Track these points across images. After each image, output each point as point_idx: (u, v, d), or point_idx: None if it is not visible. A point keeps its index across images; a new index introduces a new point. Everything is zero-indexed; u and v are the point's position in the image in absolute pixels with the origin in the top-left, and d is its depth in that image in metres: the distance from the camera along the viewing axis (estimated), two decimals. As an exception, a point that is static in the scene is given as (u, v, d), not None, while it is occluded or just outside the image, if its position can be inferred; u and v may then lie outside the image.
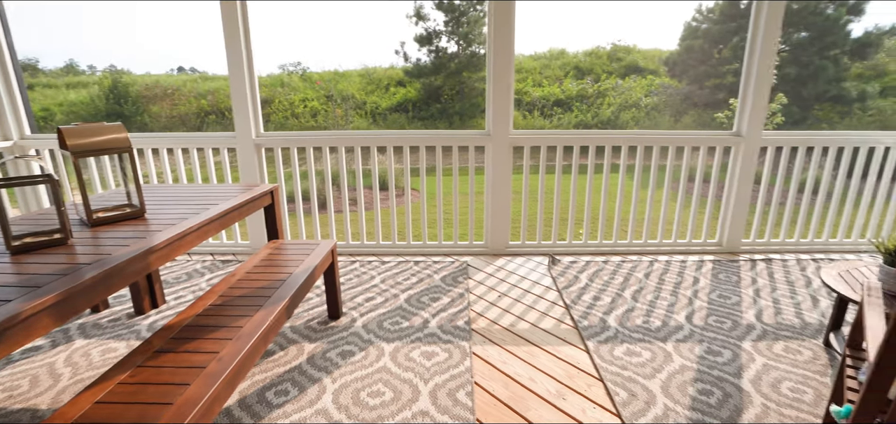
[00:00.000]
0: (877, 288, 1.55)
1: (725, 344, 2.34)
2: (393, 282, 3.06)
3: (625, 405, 1.88)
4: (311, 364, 2.16)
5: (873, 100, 16.88)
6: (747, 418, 1.82)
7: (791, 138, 3.45)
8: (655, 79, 18.72)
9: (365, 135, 3.39)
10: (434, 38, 18.78)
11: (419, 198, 3.58)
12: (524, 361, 2.19)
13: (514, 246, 3.59)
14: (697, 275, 3.18)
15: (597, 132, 3.46)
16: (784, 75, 16.86)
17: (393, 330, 2.46)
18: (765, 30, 3.15)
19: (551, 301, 2.81)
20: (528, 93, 18.18)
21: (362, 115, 17.77)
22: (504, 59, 3.16)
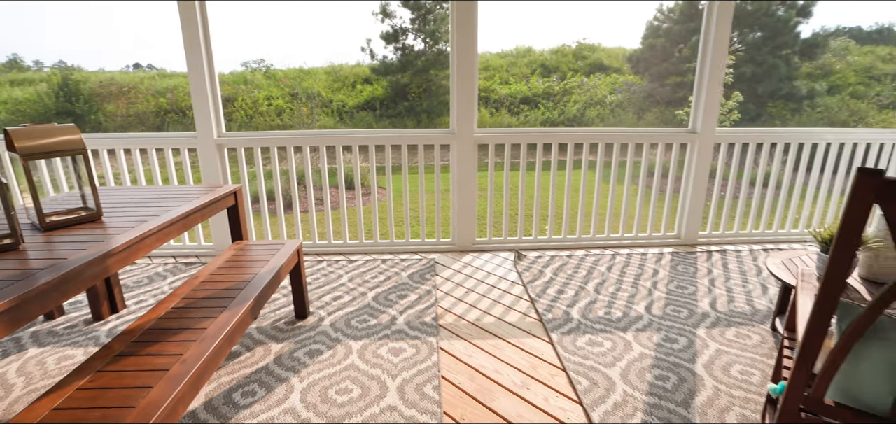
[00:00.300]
0: (810, 274, 1.67)
1: (682, 331, 2.46)
2: (361, 281, 3.07)
3: (586, 392, 1.96)
4: (278, 365, 2.15)
5: (821, 98, 17.87)
6: (700, 400, 1.93)
7: (742, 135, 3.64)
8: (619, 77, 19.22)
9: (330, 134, 3.38)
10: (401, 36, 18.73)
11: (386, 196, 3.59)
12: (490, 354, 2.24)
13: (481, 243, 3.65)
14: (657, 267, 3.32)
15: (560, 130, 3.56)
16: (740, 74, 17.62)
17: (361, 327, 2.47)
18: (716, 30, 3.31)
19: (517, 295, 2.88)
20: (495, 91, 18.36)
21: (329, 113, 17.55)
22: (467, 58, 3.21)
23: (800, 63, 18.98)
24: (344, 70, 19.61)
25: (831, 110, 17.54)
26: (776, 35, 18.69)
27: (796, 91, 18.25)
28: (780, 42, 18.64)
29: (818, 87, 18.27)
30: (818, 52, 19.41)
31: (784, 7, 18.85)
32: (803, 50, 19.09)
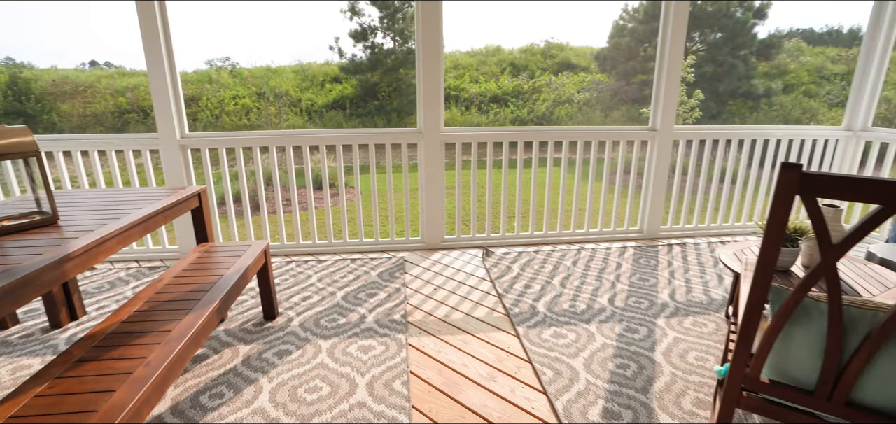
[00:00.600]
0: (754, 263, 1.78)
1: (642, 321, 2.56)
2: (330, 281, 3.07)
3: (551, 382, 2.03)
4: (246, 366, 2.14)
5: (777, 96, 18.72)
6: (658, 386, 2.02)
7: (697, 132, 3.81)
8: (587, 76, 19.62)
9: (297, 134, 3.36)
10: (370, 34, 18.60)
11: (355, 196, 3.59)
12: (458, 349, 2.29)
13: (450, 240, 3.70)
14: (620, 261, 3.44)
15: (525, 128, 3.64)
16: (702, 73, 18.29)
17: (330, 327, 2.48)
18: (673, 29, 3.44)
19: (485, 291, 2.94)
20: (465, 90, 18.45)
21: (297, 113, 17.27)
22: (433, 58, 3.24)
23: (757, 63, 19.84)
24: (312, 69, 19.34)
25: (786, 108, 18.37)
26: (735, 36, 19.49)
27: (754, 89, 19.07)
28: (738, 43, 19.45)
29: (774, 86, 19.14)
30: (774, 53, 20.34)
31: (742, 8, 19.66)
32: (760, 50, 19.97)
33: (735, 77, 19.08)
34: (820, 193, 0.88)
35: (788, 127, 3.92)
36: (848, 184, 0.85)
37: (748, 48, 19.61)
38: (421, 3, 3.13)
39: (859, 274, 2.14)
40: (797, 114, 18.02)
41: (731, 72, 19.08)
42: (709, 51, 19.40)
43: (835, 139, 4.01)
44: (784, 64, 20.27)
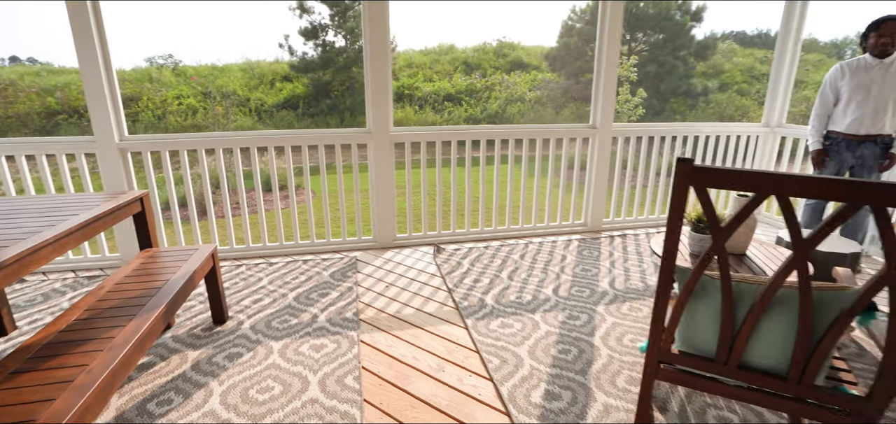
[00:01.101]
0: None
1: (584, 309, 2.73)
2: (281, 283, 3.06)
3: (497, 370, 2.14)
4: (196, 371, 2.12)
5: (713, 95, 19.92)
6: (595, 368, 2.17)
7: (634, 129, 4.05)
8: (538, 75, 20.13)
9: (244, 136, 3.32)
10: (320, 32, 18.29)
11: (305, 197, 3.59)
12: (408, 343, 2.36)
13: (402, 239, 3.76)
14: (565, 253, 3.61)
15: (472, 127, 3.75)
16: (646, 73, 19.20)
17: (281, 328, 2.49)
18: (609, 30, 3.63)
19: (436, 286, 3.02)
20: (419, 89, 18.50)
21: (246, 113, 16.74)
22: (380, 58, 3.28)
23: (695, 63, 21.05)
24: (261, 67, 18.79)
25: (722, 105, 19.57)
26: (675, 37, 20.58)
27: (693, 88, 20.23)
28: (678, 44, 20.55)
29: (711, 85, 20.37)
30: (709, 53, 21.65)
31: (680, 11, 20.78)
32: (697, 51, 21.20)
33: (676, 76, 20.15)
34: (707, 183, 1.02)
35: (715, 124, 4.24)
36: (727, 175, 0.99)
37: (687, 49, 20.77)
38: (367, 2, 3.17)
39: (768, 256, 2.38)
40: (730, 112, 19.23)
41: (672, 72, 20.14)
42: (651, 51, 20.39)
43: (755, 135, 4.37)
44: (719, 64, 21.60)
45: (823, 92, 3.24)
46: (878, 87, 2.96)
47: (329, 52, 18.44)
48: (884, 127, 3.00)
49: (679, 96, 20.12)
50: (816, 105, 3.28)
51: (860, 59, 3.08)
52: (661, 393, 1.98)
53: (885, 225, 0.90)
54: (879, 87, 2.96)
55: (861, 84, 3.02)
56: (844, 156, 3.17)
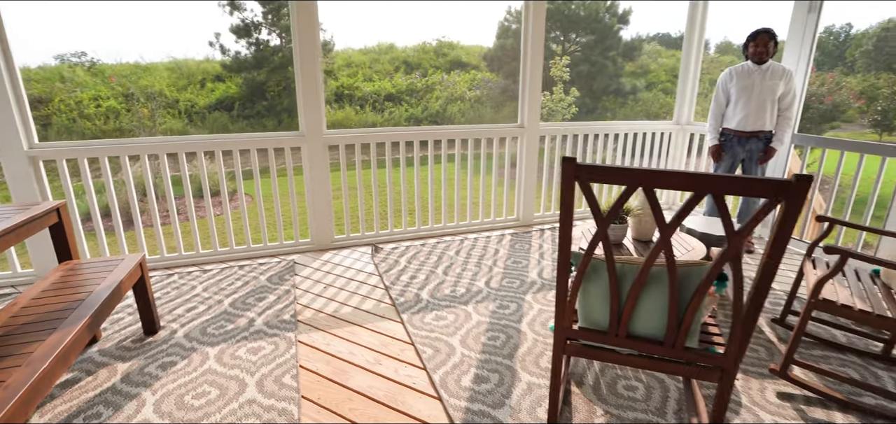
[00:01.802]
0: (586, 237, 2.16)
1: (513, 298, 2.92)
2: (216, 289, 3.03)
3: (430, 359, 2.27)
4: (126, 382, 2.09)
5: (641, 93, 21.17)
6: (521, 351, 2.35)
7: (559, 128, 4.33)
8: (477, 74, 20.52)
9: (170, 141, 3.23)
10: (254, 30, 17.66)
11: (240, 202, 3.55)
12: (346, 340, 2.44)
13: (340, 240, 3.81)
14: (498, 247, 3.81)
15: (406, 129, 3.84)
16: (579, 72, 20.12)
17: (217, 334, 2.49)
18: (533, 33, 3.85)
19: (373, 285, 3.11)
20: (359, 89, 18.34)
21: (175, 115, 15.89)
22: (310, 60, 3.29)
23: (623, 63, 22.29)
24: (190, 66, 17.86)
25: (648, 103, 20.86)
26: (604, 38, 21.71)
27: (622, 87, 21.44)
28: (607, 44, 21.70)
29: (638, 84, 21.66)
30: (636, 54, 23.01)
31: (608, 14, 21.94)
32: (625, 52, 22.47)
33: (606, 76, 21.28)
34: (589, 179, 1.19)
35: (633, 122, 4.61)
36: (604, 171, 1.18)
37: (615, 50, 21.96)
38: (295, 2, 3.17)
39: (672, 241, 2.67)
40: (656, 109, 20.55)
41: (602, 72, 21.25)
42: (583, 51, 21.39)
43: (668, 132, 4.79)
44: (646, 64, 23.01)
45: (717, 94, 3.63)
46: (758, 90, 3.38)
47: (263, 51, 17.86)
48: (765, 124, 3.43)
49: (610, 94, 21.25)
50: (712, 105, 3.68)
51: (744, 64, 3.49)
52: (579, 369, 2.19)
53: (723, 209, 1.11)
54: (759, 90, 3.38)
55: (745, 86, 3.43)
56: (736, 150, 3.58)
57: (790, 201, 1.09)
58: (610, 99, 21.18)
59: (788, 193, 1.08)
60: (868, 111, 17.16)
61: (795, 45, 3.66)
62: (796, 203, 1.08)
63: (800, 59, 3.64)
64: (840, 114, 17.35)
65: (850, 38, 20.65)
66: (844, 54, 20.53)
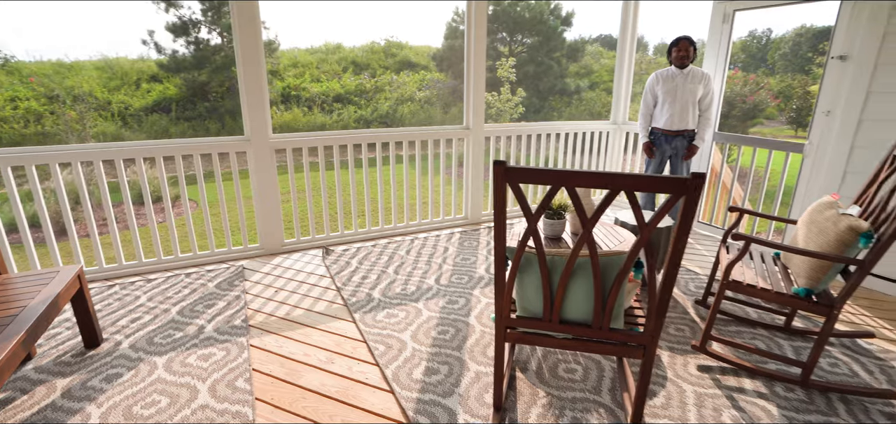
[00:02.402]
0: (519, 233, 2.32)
1: (462, 294, 3.05)
2: (162, 298, 2.97)
3: (382, 355, 2.36)
4: (68, 398, 2.04)
5: (585, 93, 21.99)
6: (469, 343, 2.48)
7: (503, 129, 4.51)
8: (427, 74, 20.62)
9: (107, 147, 3.12)
10: (192, 29, 16.91)
11: (183, 208, 3.48)
12: (299, 341, 2.49)
13: (290, 244, 3.80)
14: (448, 245, 3.93)
15: (354, 132, 3.87)
16: (525, 73, 20.67)
17: (165, 343, 2.46)
18: (476, 35, 3.97)
19: (325, 286, 3.15)
20: (307, 89, 17.99)
21: (108, 118, 14.96)
22: (253, 62, 3.26)
23: (568, 64, 23.09)
24: (122, 65, 16.85)
25: (592, 102, 21.72)
26: (549, 39, 22.41)
27: (567, 87, 22.22)
28: (552, 45, 22.41)
29: (582, 84, 22.50)
30: (580, 55, 23.88)
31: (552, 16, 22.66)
32: (569, 53, 23.28)
33: (552, 76, 21.98)
34: (518, 180, 1.33)
35: (574, 122, 4.87)
36: (530, 173, 1.32)
37: (560, 51, 22.71)
38: (236, 2, 3.13)
39: (607, 234, 2.89)
40: (599, 108, 21.45)
41: (548, 72, 21.92)
42: (529, 52, 21.98)
43: (607, 131, 5.10)
44: (589, 65, 23.91)
45: (645, 95, 3.93)
46: (681, 92, 3.70)
47: (203, 51, 17.13)
48: (688, 123, 3.75)
49: (556, 94, 21.95)
50: (642, 106, 3.98)
51: (668, 69, 3.81)
52: (523, 357, 2.35)
53: (634, 204, 1.28)
54: (682, 92, 3.70)
55: (669, 89, 3.74)
56: (664, 147, 3.89)
57: (689, 196, 1.27)
58: (556, 98, 21.87)
59: (687, 189, 1.26)
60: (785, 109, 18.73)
61: (713, 52, 4.02)
62: (693, 197, 1.26)
63: (717, 64, 4.00)
64: (760, 112, 18.81)
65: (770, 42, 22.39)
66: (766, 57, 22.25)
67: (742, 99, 18.41)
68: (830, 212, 2.20)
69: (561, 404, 1.99)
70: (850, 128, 3.18)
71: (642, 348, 1.59)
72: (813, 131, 3.44)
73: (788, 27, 20.88)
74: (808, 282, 2.15)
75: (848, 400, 2.07)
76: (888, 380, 2.22)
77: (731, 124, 18.39)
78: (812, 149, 3.43)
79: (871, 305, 2.99)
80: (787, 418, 1.94)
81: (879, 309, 2.94)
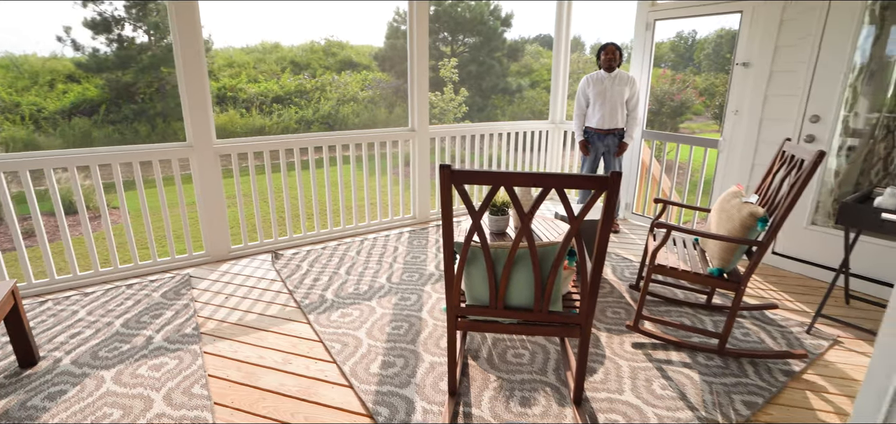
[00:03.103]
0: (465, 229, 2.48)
1: (414, 290, 3.17)
2: (103, 312, 2.87)
3: (339, 353, 2.44)
4: (5, 418, 1.97)
5: (527, 91, 22.66)
6: (423, 336, 2.61)
7: (447, 130, 4.66)
8: (369, 74, 20.47)
9: (33, 157, 2.97)
10: (115, 26, 15.85)
11: (122, 217, 3.37)
12: (254, 345, 2.51)
13: (237, 250, 3.76)
14: (397, 245, 4.03)
15: (300, 136, 3.88)
16: (468, 72, 21.02)
17: (111, 356, 2.40)
18: (418, 38, 4.08)
19: (277, 290, 3.17)
20: (244, 90, 17.37)
21: (17, 122, 13.74)
22: (194, 66, 3.21)
23: (509, 63, 23.70)
24: (32, 63, 15.47)
25: (533, 101, 22.42)
26: (490, 40, 22.91)
27: (509, 86, 22.81)
28: (493, 45, 22.93)
29: (523, 83, 23.17)
30: (520, 55, 24.59)
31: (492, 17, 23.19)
32: (510, 53, 23.90)
33: (494, 75, 22.49)
34: (463, 182, 1.48)
35: (515, 122, 5.11)
36: (473, 175, 1.47)
37: (501, 51, 23.28)
38: (173, 2, 3.05)
39: (546, 228, 3.11)
40: (540, 106, 22.20)
41: (490, 72, 22.42)
42: (471, 52, 22.37)
43: (546, 130, 5.38)
44: (529, 64, 24.65)
45: (578, 97, 4.23)
46: (610, 94, 4.03)
47: (128, 50, 16.10)
48: (617, 122, 4.09)
49: (498, 93, 22.49)
50: (575, 108, 4.27)
51: (597, 73, 4.12)
52: (474, 345, 2.51)
53: (564, 200, 1.46)
54: (610, 94, 4.03)
55: (599, 91, 4.05)
56: (597, 145, 4.21)
57: (610, 191, 1.46)
58: (498, 97, 22.39)
59: (608, 185, 1.45)
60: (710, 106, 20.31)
61: (639, 55, 4.38)
62: (613, 192, 1.46)
63: (643, 66, 4.37)
64: (687, 108, 20.28)
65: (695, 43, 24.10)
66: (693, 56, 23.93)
67: (670, 97, 19.75)
68: (735, 200, 2.53)
69: (511, 386, 2.17)
70: (754, 126, 3.60)
71: (578, 327, 1.79)
72: (725, 128, 3.85)
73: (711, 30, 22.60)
74: (721, 263, 2.46)
75: (756, 363, 2.39)
76: (787, 344, 2.57)
77: (662, 121, 19.66)
78: (725, 144, 3.84)
79: (778, 280, 3.42)
80: (707, 383, 2.23)
81: (784, 284, 3.36)
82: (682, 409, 2.05)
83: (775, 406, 2.11)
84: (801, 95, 3.32)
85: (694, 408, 2.05)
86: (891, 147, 3.17)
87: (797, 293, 3.22)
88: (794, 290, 3.27)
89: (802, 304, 3.06)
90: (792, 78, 3.35)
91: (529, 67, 24.42)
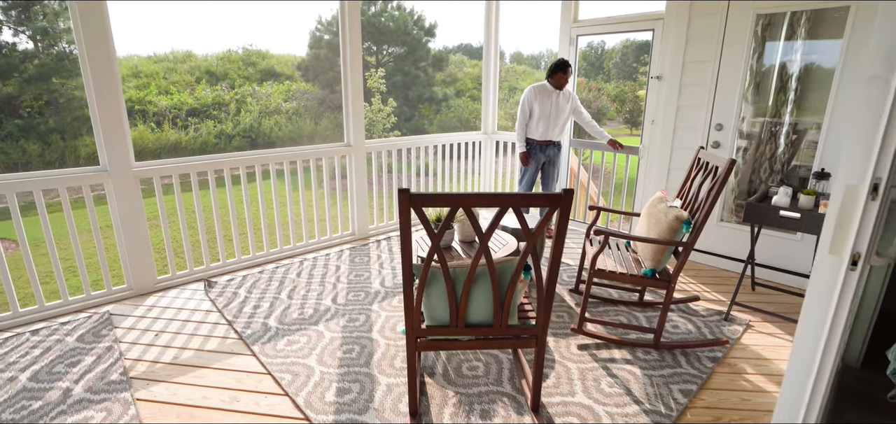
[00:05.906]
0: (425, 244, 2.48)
1: (361, 310, 3.11)
2: (3, 365, 2.52)
3: (290, 384, 2.33)
4: None
5: (453, 100, 23.02)
6: (377, 357, 2.57)
7: (383, 145, 4.64)
8: (292, 85, 19.78)
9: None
10: (-10, 30, 14.01)
11: (22, 247, 2.99)
12: (194, 385, 2.33)
13: (164, 280, 3.48)
14: (339, 263, 3.93)
15: (228, 155, 3.63)
16: (394, 83, 20.99)
17: (20, 418, 2.12)
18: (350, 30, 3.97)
19: (213, 322, 2.97)
20: (153, 103, 16.11)
21: None
22: (106, 78, 2.92)
23: (434, 73, 23.98)
24: None
25: (460, 110, 22.82)
26: (414, 50, 23.07)
27: (435, 95, 23.08)
28: (418, 56, 23.11)
29: (449, 92, 23.53)
30: (445, 65, 24.97)
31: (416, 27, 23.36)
32: (434, 63, 24.20)
33: (419, 85, 22.66)
34: (421, 204, 1.49)
35: (449, 134, 5.18)
36: (432, 198, 1.49)
37: (425, 61, 23.53)
38: (77, 3, 2.74)
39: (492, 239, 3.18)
40: (466, 115, 22.66)
41: (416, 81, 22.57)
42: (396, 62, 22.39)
43: (479, 141, 5.51)
44: (454, 73, 25.09)
45: (522, 108, 4.34)
46: (556, 109, 4.23)
47: (9, 58, 14.32)
48: (557, 135, 4.32)
49: (425, 102, 22.68)
50: (518, 118, 4.39)
51: (543, 85, 4.26)
52: (429, 362, 2.51)
53: (521, 218, 1.52)
54: (556, 109, 4.24)
55: (545, 105, 4.23)
56: (539, 155, 4.38)
57: (562, 207, 1.54)
58: (425, 106, 22.58)
59: (561, 202, 1.53)
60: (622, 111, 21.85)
61: (565, 69, 4.63)
62: (566, 208, 1.53)
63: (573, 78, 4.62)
64: (603, 114, 21.69)
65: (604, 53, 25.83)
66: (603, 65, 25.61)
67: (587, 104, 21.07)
68: (662, 205, 2.75)
69: (469, 400, 2.19)
70: (668, 134, 3.93)
71: (534, 338, 1.85)
72: (644, 136, 4.18)
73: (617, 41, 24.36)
74: (652, 264, 2.65)
75: (687, 353, 2.61)
76: (711, 333, 2.83)
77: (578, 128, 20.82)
78: (645, 151, 4.17)
79: (696, 273, 3.75)
80: (647, 376, 2.39)
81: (701, 277, 3.70)
82: (629, 404, 2.19)
83: (707, 390, 2.32)
84: (708, 106, 3.69)
85: (639, 402, 2.20)
86: (774, 149, 3.63)
87: (712, 284, 3.56)
88: (710, 281, 3.61)
89: (718, 293, 3.39)
90: (699, 90, 3.72)
91: (454, 77, 24.85)
